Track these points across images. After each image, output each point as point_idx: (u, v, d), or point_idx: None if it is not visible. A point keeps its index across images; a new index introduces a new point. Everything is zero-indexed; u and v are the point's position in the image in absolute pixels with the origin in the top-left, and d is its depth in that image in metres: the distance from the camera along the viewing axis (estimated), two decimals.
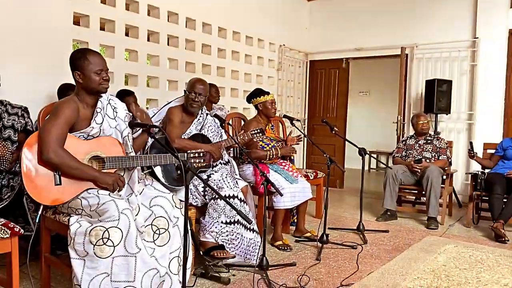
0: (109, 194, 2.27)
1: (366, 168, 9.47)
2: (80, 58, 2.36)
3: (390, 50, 6.26)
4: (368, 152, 3.99)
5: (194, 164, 2.57)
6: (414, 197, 5.44)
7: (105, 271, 2.10)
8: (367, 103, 9.94)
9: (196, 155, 2.59)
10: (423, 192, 4.58)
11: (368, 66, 8.59)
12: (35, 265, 2.78)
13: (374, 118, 9.70)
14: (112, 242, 2.09)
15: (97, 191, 2.28)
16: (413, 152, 4.87)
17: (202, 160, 2.58)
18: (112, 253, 2.09)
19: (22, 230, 2.12)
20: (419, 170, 4.60)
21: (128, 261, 2.12)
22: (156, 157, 2.48)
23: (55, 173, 2.25)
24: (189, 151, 2.62)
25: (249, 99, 3.89)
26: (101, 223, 2.12)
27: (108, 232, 2.09)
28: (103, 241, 2.08)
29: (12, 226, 2.10)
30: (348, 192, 6.55)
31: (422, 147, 4.86)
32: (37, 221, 2.32)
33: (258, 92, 3.84)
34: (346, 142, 6.48)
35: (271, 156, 3.71)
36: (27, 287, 2.59)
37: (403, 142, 5.04)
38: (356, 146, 3.96)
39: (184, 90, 3.23)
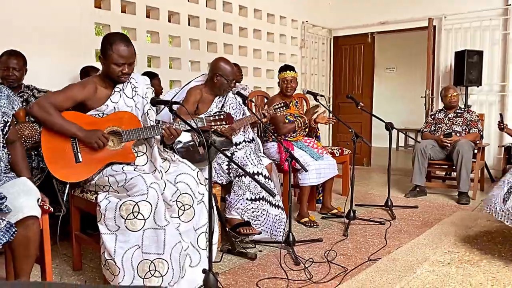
0: (134, 169, 2.31)
1: (394, 146, 9.29)
2: (106, 44, 2.37)
3: (417, 22, 6.05)
4: (395, 127, 3.90)
5: (217, 128, 2.55)
6: (444, 173, 5.30)
7: (136, 243, 2.14)
8: (394, 79, 9.70)
9: (216, 117, 2.55)
10: (454, 167, 4.45)
11: (394, 40, 8.34)
12: (66, 244, 2.86)
13: (401, 95, 9.47)
14: (142, 215, 2.13)
15: (122, 167, 2.32)
16: (442, 126, 4.73)
17: (224, 123, 2.56)
18: (143, 226, 2.13)
19: (51, 209, 2.16)
20: (449, 144, 4.47)
21: (158, 233, 2.16)
22: (174, 124, 2.47)
23: (74, 153, 2.30)
24: (208, 116, 2.60)
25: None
26: (131, 198, 2.15)
27: (138, 206, 2.13)
28: (133, 214, 2.12)
29: (42, 204, 2.14)
30: (375, 170, 6.45)
31: (452, 120, 4.71)
32: (64, 198, 2.38)
33: (281, 68, 3.79)
34: (373, 119, 6.39)
35: (300, 125, 3.68)
36: (59, 265, 2.67)
37: (432, 117, 4.90)
38: (383, 121, 3.87)
39: (217, 74, 3.17)
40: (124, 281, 2.13)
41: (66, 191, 2.35)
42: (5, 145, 2.07)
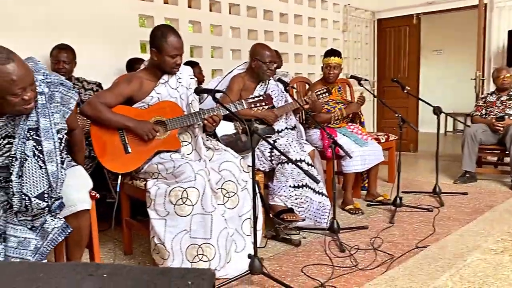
0: (182, 157, 2.38)
1: (442, 131, 8.98)
2: (160, 37, 2.44)
3: (466, 1, 5.76)
4: (443, 111, 3.76)
5: (258, 110, 2.59)
6: (496, 158, 5.08)
7: (185, 228, 2.22)
8: (441, 62, 9.32)
9: (256, 99, 2.59)
10: (507, 152, 4.25)
11: (442, 21, 7.99)
12: (118, 229, 2.98)
13: (450, 78, 9.08)
14: (190, 201, 2.20)
15: (170, 155, 2.39)
16: (494, 109, 4.51)
17: (263, 104, 2.58)
18: (191, 211, 2.20)
19: (98, 195, 2.21)
20: (502, 128, 4.26)
21: (205, 219, 2.22)
22: (215, 110, 2.52)
23: (123, 144, 2.39)
24: (247, 98, 2.65)
25: None
26: (179, 184, 2.23)
27: (186, 192, 2.20)
28: (182, 200, 2.20)
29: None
30: (422, 156, 6.26)
31: (504, 103, 4.48)
32: (118, 189, 2.48)
33: (326, 53, 3.71)
34: (420, 104, 6.19)
35: (336, 118, 3.62)
36: (112, 248, 2.79)
37: (483, 100, 4.69)
38: (430, 105, 3.74)
39: (253, 59, 3.19)
40: (173, 264, 2.21)
41: (119, 181, 2.45)
42: (62, 163, 2.00)
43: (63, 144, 1.96)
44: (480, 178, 4.52)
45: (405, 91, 3.76)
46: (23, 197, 1.79)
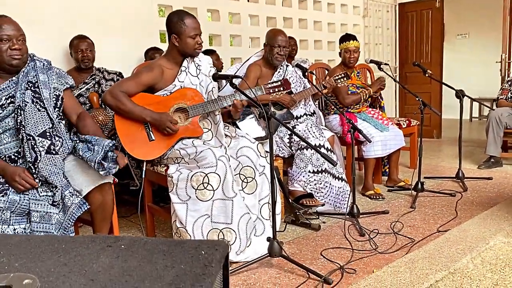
0: (203, 143, 2.41)
1: (468, 117, 8.79)
2: (177, 22, 2.46)
3: None
4: (466, 94, 3.68)
5: (276, 95, 2.61)
6: None
7: (206, 213, 2.26)
8: (466, 46, 9.07)
9: (274, 84, 2.61)
10: None
11: (466, 4, 7.78)
12: (140, 215, 3.05)
13: (475, 62, 8.84)
14: (211, 186, 2.25)
15: (192, 141, 2.44)
16: None
17: (281, 89, 2.60)
18: (212, 196, 2.25)
19: (116, 179, 2.23)
20: None
21: (226, 204, 2.27)
22: (234, 96, 2.55)
23: (147, 132, 2.43)
24: (265, 84, 2.67)
25: None
26: (201, 169, 2.27)
27: (207, 177, 2.25)
28: (203, 185, 2.25)
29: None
30: (446, 142, 6.15)
31: None
32: (143, 175, 2.54)
33: (342, 38, 3.67)
34: (443, 89, 6.06)
35: (365, 97, 3.59)
36: (135, 233, 2.87)
37: (509, 83, 4.56)
38: (452, 88, 3.67)
39: (264, 44, 3.21)
40: None
41: (144, 168, 2.50)
42: (62, 117, 2.15)
43: (59, 103, 2.12)
44: (505, 163, 4.42)
45: (427, 74, 3.70)
46: (28, 137, 1.93)
